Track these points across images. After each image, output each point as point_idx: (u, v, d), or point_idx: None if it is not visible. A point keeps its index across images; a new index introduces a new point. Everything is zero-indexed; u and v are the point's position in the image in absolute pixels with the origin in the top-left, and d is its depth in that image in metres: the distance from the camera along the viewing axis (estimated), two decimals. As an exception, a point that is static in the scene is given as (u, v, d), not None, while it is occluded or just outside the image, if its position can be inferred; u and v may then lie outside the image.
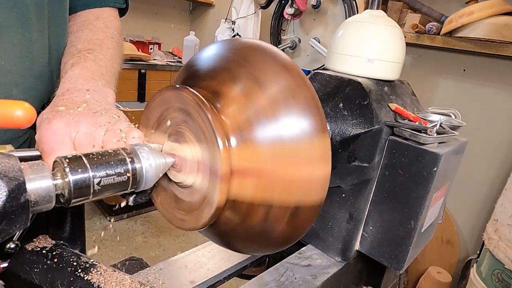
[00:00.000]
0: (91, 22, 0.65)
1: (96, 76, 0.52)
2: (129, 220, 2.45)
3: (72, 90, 0.47)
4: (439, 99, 1.96)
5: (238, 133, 0.37)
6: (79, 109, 0.42)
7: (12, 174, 0.28)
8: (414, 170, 0.58)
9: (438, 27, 1.70)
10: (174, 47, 3.44)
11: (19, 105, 0.29)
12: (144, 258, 1.46)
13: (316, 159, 0.40)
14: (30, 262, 0.43)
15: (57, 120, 0.40)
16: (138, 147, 0.37)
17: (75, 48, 0.58)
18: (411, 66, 2.03)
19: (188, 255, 0.65)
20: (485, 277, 1.36)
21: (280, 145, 0.38)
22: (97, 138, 0.39)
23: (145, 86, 2.83)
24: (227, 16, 2.76)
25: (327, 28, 2.49)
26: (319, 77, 0.67)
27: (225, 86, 0.39)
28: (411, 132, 0.58)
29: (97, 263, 0.44)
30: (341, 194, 0.65)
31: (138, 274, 0.57)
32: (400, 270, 0.63)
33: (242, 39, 0.45)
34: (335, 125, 0.61)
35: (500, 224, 1.33)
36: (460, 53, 1.83)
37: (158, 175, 0.38)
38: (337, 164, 0.63)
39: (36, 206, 0.30)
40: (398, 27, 0.67)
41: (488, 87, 1.80)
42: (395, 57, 0.66)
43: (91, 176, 0.33)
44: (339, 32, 0.69)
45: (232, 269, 0.65)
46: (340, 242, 0.66)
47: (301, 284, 0.59)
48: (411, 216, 0.59)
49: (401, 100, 0.68)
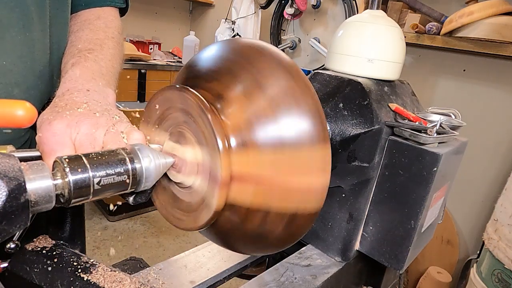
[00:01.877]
0: (91, 22, 0.65)
1: (97, 76, 0.52)
2: (129, 220, 2.44)
3: (72, 90, 0.47)
4: (439, 99, 1.96)
5: (239, 135, 0.37)
6: (79, 109, 0.42)
7: (12, 174, 0.28)
8: (414, 170, 0.58)
9: (438, 27, 1.70)
10: (174, 47, 3.44)
11: (20, 105, 0.29)
12: (144, 258, 1.46)
13: (316, 168, 0.39)
14: (30, 262, 0.43)
15: (57, 121, 0.40)
16: (138, 147, 0.37)
17: (76, 48, 0.58)
18: (411, 66, 2.03)
19: (188, 255, 0.65)
20: (485, 277, 1.36)
21: (281, 151, 0.38)
22: (97, 139, 0.39)
23: (145, 86, 2.82)
24: (227, 16, 2.76)
25: (327, 28, 2.49)
26: (319, 77, 0.67)
27: (226, 87, 0.39)
28: (411, 132, 0.58)
29: (97, 263, 0.44)
30: (341, 194, 0.65)
31: (138, 274, 0.57)
32: (400, 270, 0.63)
33: (243, 40, 0.45)
34: (335, 125, 0.61)
35: (500, 224, 1.33)
36: (460, 53, 1.83)
37: (158, 175, 0.38)
38: (337, 164, 0.63)
39: (36, 206, 0.30)
40: (398, 27, 0.67)
41: (488, 87, 1.80)
42: (395, 57, 0.66)
43: (91, 176, 0.33)
44: (339, 32, 0.69)
45: (232, 269, 0.65)
46: (340, 242, 0.66)
47: (301, 284, 0.59)
48: (411, 216, 0.59)
49: (401, 100, 0.68)
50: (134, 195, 0.41)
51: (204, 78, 0.42)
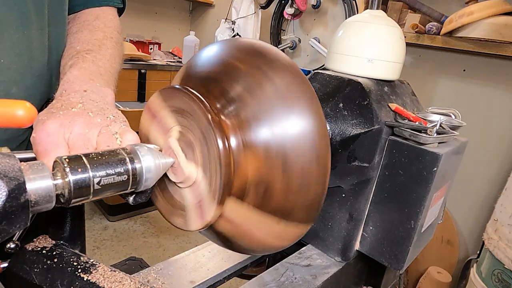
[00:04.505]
0: (90, 22, 0.64)
1: (95, 77, 0.51)
2: (129, 220, 2.44)
3: (69, 91, 0.46)
4: (439, 99, 1.96)
5: (239, 135, 0.37)
6: (73, 109, 0.42)
7: (12, 174, 0.28)
8: (414, 170, 0.58)
9: (438, 27, 1.70)
10: (174, 47, 3.44)
11: (20, 105, 0.29)
12: (144, 258, 1.46)
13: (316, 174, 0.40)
14: (30, 262, 0.43)
15: (51, 121, 0.39)
16: (138, 147, 0.37)
17: (74, 50, 0.58)
18: (411, 66, 2.03)
19: (188, 255, 0.65)
20: (485, 277, 1.36)
21: (282, 150, 0.38)
22: (91, 139, 0.39)
23: (145, 86, 2.82)
24: (227, 16, 2.76)
25: (327, 28, 2.49)
26: (319, 77, 0.67)
27: (226, 87, 0.39)
28: (411, 132, 0.58)
29: (97, 263, 0.44)
30: (341, 194, 0.65)
31: (138, 274, 0.57)
32: (400, 270, 0.63)
33: (242, 40, 0.45)
34: (335, 125, 0.61)
35: (500, 224, 1.33)
36: (460, 53, 1.83)
37: (158, 175, 0.38)
38: (337, 164, 0.63)
39: (36, 206, 0.30)
40: (398, 27, 0.67)
41: (488, 87, 1.80)
42: (395, 57, 0.66)
43: (91, 176, 0.33)
44: (339, 32, 0.69)
45: (232, 269, 0.65)
46: (340, 242, 0.66)
47: (301, 284, 0.59)
48: (411, 216, 0.59)
49: (401, 100, 0.68)
50: (134, 195, 0.41)
51: (203, 78, 0.42)
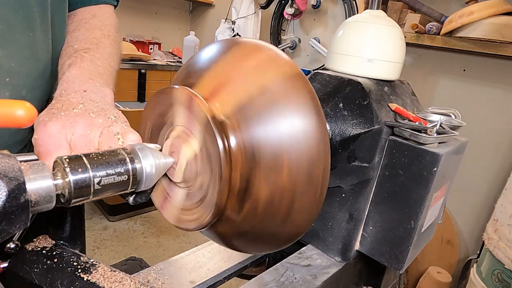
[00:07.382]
0: (87, 21, 0.64)
1: (94, 76, 0.51)
2: (129, 220, 2.44)
3: (69, 91, 0.46)
4: (439, 99, 1.96)
5: (238, 133, 0.37)
6: (74, 110, 0.42)
7: (12, 174, 0.28)
8: (414, 170, 0.58)
9: (438, 27, 1.70)
10: (174, 47, 3.44)
11: (20, 105, 0.29)
12: (144, 258, 1.46)
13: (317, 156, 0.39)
14: (30, 262, 0.43)
15: (52, 122, 0.39)
16: (138, 147, 0.37)
17: (72, 48, 0.57)
18: (411, 66, 2.03)
19: (188, 255, 0.65)
20: (485, 277, 1.36)
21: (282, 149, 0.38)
22: (92, 140, 0.39)
23: (145, 86, 2.82)
24: (227, 16, 2.76)
25: (327, 28, 2.49)
26: (319, 77, 0.67)
27: (226, 87, 0.39)
28: (411, 132, 0.58)
29: (97, 263, 0.44)
30: (341, 194, 0.65)
31: (138, 274, 0.57)
32: (400, 270, 0.63)
33: (242, 39, 0.45)
34: (335, 125, 0.61)
35: (500, 224, 1.33)
36: (460, 53, 1.83)
37: (158, 175, 0.38)
38: (337, 164, 0.63)
39: (36, 206, 0.30)
40: (398, 27, 0.67)
41: (488, 87, 1.80)
42: (395, 57, 0.66)
43: (91, 176, 0.33)
44: (339, 32, 0.69)
45: (232, 269, 0.65)
46: (340, 242, 0.66)
47: (301, 284, 0.59)
48: (411, 216, 0.59)
49: (401, 100, 0.68)
50: (134, 195, 0.41)
51: (203, 78, 0.42)
